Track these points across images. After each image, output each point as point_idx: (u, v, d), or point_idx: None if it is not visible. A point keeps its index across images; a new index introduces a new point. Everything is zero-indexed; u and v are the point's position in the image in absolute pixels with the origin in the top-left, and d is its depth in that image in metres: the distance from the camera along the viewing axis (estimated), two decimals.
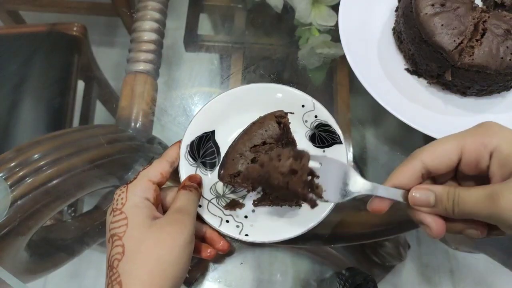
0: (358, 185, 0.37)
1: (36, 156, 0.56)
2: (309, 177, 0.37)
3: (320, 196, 0.37)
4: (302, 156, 0.36)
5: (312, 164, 0.37)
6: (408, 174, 0.35)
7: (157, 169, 0.45)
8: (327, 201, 0.37)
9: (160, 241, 0.38)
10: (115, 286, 0.36)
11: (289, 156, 0.36)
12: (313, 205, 0.37)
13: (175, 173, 0.49)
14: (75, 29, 0.78)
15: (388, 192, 0.36)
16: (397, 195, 0.36)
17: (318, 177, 0.37)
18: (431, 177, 0.36)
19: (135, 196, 0.42)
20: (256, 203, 0.50)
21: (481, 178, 0.34)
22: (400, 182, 0.35)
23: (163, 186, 0.47)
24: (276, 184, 0.36)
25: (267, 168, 0.37)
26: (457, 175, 0.37)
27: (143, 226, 0.39)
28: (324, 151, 0.52)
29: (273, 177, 0.36)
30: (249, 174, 0.38)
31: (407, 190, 0.35)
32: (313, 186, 0.37)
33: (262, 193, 0.51)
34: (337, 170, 0.38)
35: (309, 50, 0.67)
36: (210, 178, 0.52)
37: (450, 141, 0.34)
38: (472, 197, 0.32)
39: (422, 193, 0.34)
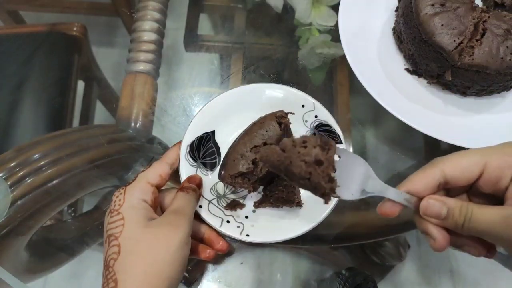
0: (374, 185, 0.36)
1: (36, 156, 0.56)
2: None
3: (333, 191, 0.34)
4: (330, 146, 0.33)
5: None
6: (425, 182, 0.34)
7: (156, 171, 0.45)
8: (338, 197, 0.35)
9: (156, 241, 0.38)
10: (111, 283, 0.36)
11: (316, 144, 0.33)
12: (328, 200, 0.34)
13: (176, 173, 0.49)
14: (75, 29, 0.78)
15: (400, 196, 0.35)
16: (408, 201, 0.35)
17: (335, 170, 0.34)
18: (445, 188, 0.36)
19: (132, 197, 0.42)
20: (257, 204, 0.50)
21: (494, 197, 0.34)
22: (415, 188, 0.34)
23: (163, 188, 0.47)
24: (297, 172, 0.33)
25: (290, 153, 0.33)
26: (469, 190, 0.36)
27: (139, 227, 0.39)
28: None
29: (295, 165, 0.33)
30: (268, 156, 0.34)
31: (419, 198, 0.34)
32: (331, 180, 0.34)
33: (262, 193, 0.51)
34: (355, 167, 0.36)
35: (309, 50, 0.67)
36: (210, 178, 0.52)
37: (474, 155, 0.34)
38: (485, 216, 0.31)
39: (435, 204, 0.34)
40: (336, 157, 0.34)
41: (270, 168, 0.35)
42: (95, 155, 0.59)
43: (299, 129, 0.54)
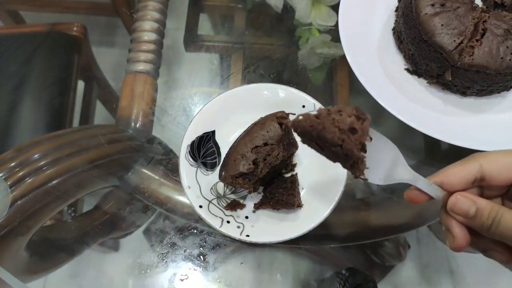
0: (403, 172, 0.35)
1: (36, 156, 0.56)
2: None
3: (361, 172, 0.33)
4: (365, 118, 0.33)
5: None
6: (461, 175, 0.33)
7: None
8: (366, 179, 0.34)
9: None
10: None
11: (351, 114, 0.32)
12: (360, 174, 0.33)
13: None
14: (75, 29, 0.78)
15: (430, 187, 0.34)
16: (437, 193, 0.34)
17: (365, 151, 0.33)
18: (480, 186, 0.34)
19: None
20: (257, 206, 0.50)
21: None
22: (449, 180, 0.33)
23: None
24: (330, 138, 0.32)
25: (324, 120, 0.32)
26: (504, 195, 0.35)
27: None
28: None
29: (328, 131, 0.32)
30: (300, 122, 0.33)
31: (449, 193, 0.33)
32: (364, 150, 0.33)
33: (262, 194, 0.51)
34: (386, 151, 0.35)
35: (309, 50, 0.67)
36: (210, 178, 0.52)
37: None
38: None
39: (465, 202, 0.32)
40: (367, 139, 0.33)
41: (301, 136, 0.34)
42: (95, 155, 0.59)
43: None
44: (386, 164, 0.35)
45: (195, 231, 0.54)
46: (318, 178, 0.51)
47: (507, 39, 0.51)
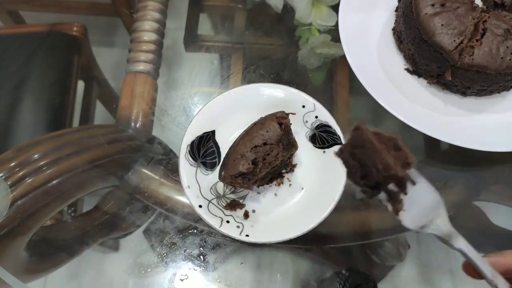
0: (441, 225, 0.33)
1: (36, 156, 0.56)
2: (397, 188, 0.33)
3: (396, 212, 0.33)
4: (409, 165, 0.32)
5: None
6: None
7: None
8: (400, 220, 0.34)
9: None
10: None
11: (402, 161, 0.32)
12: (395, 213, 0.34)
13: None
14: (75, 29, 0.78)
15: (472, 253, 0.31)
16: (486, 270, 0.31)
17: (406, 193, 0.33)
18: None
19: None
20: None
21: None
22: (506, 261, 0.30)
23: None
24: (383, 165, 0.31)
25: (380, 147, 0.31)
26: None
27: None
28: (324, 152, 0.53)
29: (374, 164, 0.31)
30: (365, 132, 0.32)
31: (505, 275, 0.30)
32: (396, 198, 0.33)
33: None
34: (427, 199, 0.34)
35: (309, 50, 0.67)
36: (210, 178, 0.52)
37: None
38: None
39: None
40: (412, 183, 0.33)
41: (352, 147, 0.33)
42: (95, 155, 0.59)
43: (299, 129, 0.54)
44: (423, 211, 0.34)
45: (195, 231, 0.54)
46: (318, 178, 0.51)
47: (507, 39, 0.51)
